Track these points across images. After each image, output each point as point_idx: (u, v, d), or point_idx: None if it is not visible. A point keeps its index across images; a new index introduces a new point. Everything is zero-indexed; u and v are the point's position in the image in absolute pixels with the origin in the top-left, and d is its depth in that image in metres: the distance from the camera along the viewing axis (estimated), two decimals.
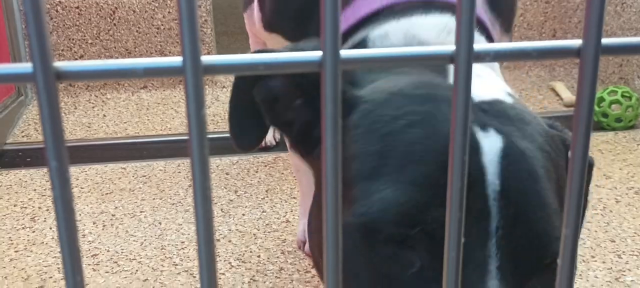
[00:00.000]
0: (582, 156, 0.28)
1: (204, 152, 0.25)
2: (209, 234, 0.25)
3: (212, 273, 0.26)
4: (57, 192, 0.24)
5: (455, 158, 0.25)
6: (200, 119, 0.24)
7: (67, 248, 0.23)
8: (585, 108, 0.26)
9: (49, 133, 0.23)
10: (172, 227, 1.06)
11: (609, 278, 0.89)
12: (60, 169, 0.24)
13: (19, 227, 1.06)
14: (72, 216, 0.23)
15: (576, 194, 0.28)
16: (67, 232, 0.23)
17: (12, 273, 0.93)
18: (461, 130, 0.25)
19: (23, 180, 1.23)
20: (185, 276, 0.93)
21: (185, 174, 1.25)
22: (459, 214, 0.28)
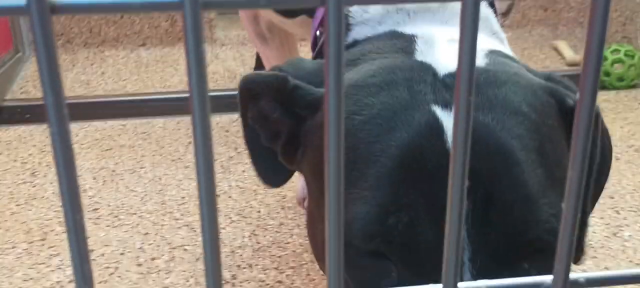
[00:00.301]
0: (588, 114, 0.27)
1: (204, 88, 0.24)
2: (210, 187, 0.25)
3: (214, 229, 0.26)
4: (55, 128, 0.23)
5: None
6: (199, 55, 0.23)
7: (63, 171, 0.23)
8: (593, 58, 0.25)
9: (45, 67, 0.22)
10: (172, 183, 1.06)
11: (607, 233, 0.90)
12: (56, 104, 0.23)
13: (19, 181, 1.06)
14: (70, 147, 0.23)
15: (581, 153, 0.27)
16: (64, 157, 0.23)
17: (14, 227, 0.94)
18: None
19: (22, 136, 1.22)
20: (186, 230, 0.93)
21: (185, 131, 1.25)
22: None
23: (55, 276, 0.83)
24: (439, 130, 0.41)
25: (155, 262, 0.86)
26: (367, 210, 0.40)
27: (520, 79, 0.45)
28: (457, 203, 0.28)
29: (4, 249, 0.89)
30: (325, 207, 0.27)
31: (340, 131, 0.25)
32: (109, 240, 0.90)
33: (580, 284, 0.31)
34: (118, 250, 0.89)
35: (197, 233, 0.92)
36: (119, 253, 0.88)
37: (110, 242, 0.90)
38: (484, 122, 0.41)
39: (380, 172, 0.41)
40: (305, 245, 0.90)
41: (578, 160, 0.28)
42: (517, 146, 0.41)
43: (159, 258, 0.87)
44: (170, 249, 0.89)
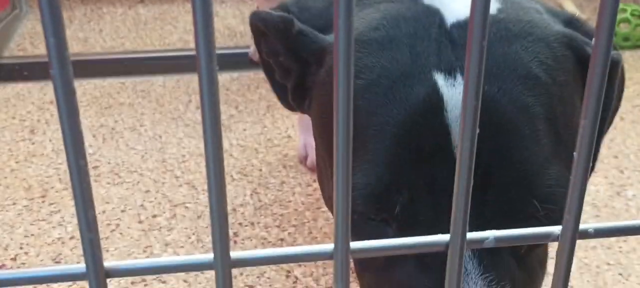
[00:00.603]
0: (602, 70, 0.26)
1: (211, 46, 0.23)
2: (216, 142, 0.24)
3: (220, 186, 0.26)
4: (56, 65, 0.22)
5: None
6: (207, 12, 0.22)
7: (66, 116, 0.22)
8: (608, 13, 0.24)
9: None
10: (172, 141, 1.05)
11: (611, 193, 0.90)
12: (58, 45, 0.22)
13: (18, 139, 1.05)
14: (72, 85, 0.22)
15: (596, 90, 0.26)
16: (66, 101, 0.22)
17: (14, 184, 0.93)
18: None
19: (20, 94, 1.21)
20: (187, 188, 0.93)
21: (185, 90, 1.24)
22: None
23: (56, 232, 0.83)
24: (438, 106, 0.39)
25: (156, 219, 0.86)
26: (367, 182, 0.40)
27: (534, 29, 0.42)
28: (466, 159, 0.28)
29: (5, 205, 0.88)
30: (334, 177, 0.27)
31: (349, 97, 0.24)
32: (110, 198, 0.90)
33: (589, 234, 0.30)
34: (119, 207, 0.89)
35: (198, 191, 0.92)
36: (120, 210, 0.88)
37: (111, 199, 0.90)
38: (490, 94, 0.39)
39: (379, 147, 0.40)
40: (307, 204, 0.90)
41: (591, 116, 0.27)
42: (523, 119, 0.40)
43: (160, 215, 0.87)
44: (172, 207, 0.89)
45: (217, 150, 0.25)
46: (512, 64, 0.40)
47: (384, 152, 0.40)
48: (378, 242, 0.29)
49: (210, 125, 0.24)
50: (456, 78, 0.40)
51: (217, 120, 0.24)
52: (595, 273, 0.75)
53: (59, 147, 1.03)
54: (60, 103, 0.24)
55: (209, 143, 0.25)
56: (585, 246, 0.79)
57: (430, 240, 0.29)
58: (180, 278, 0.75)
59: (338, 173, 0.27)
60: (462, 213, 0.28)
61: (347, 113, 0.26)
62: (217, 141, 0.25)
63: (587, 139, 0.27)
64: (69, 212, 0.87)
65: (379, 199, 0.40)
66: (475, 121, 0.26)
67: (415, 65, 0.40)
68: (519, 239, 0.30)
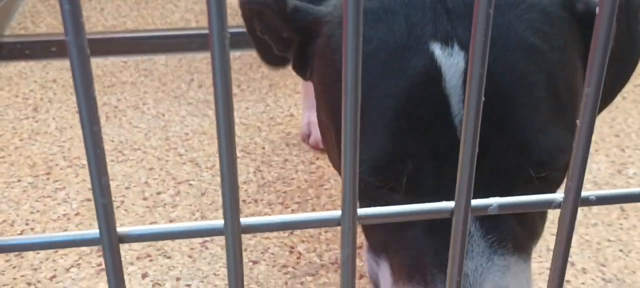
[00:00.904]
0: (606, 31, 0.27)
1: (224, 24, 0.23)
2: (227, 105, 0.25)
3: (231, 153, 0.26)
4: (71, 38, 0.23)
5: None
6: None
7: (80, 79, 0.23)
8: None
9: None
10: (175, 119, 1.06)
11: (612, 171, 0.90)
12: (72, 12, 0.23)
13: (21, 116, 1.06)
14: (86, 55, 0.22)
15: (601, 54, 0.27)
16: (81, 67, 0.22)
17: (18, 161, 0.94)
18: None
19: (23, 72, 1.21)
20: (191, 166, 0.93)
21: (187, 68, 1.24)
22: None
23: (62, 209, 0.84)
24: (436, 76, 0.40)
25: (160, 196, 0.87)
26: (372, 154, 0.41)
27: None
28: (471, 128, 0.28)
29: (10, 182, 0.89)
30: (342, 145, 0.27)
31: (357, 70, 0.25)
32: (114, 175, 0.91)
33: (590, 201, 0.31)
34: (123, 184, 0.90)
35: (202, 169, 0.93)
36: (124, 187, 0.89)
37: (115, 176, 0.91)
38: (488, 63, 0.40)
39: (381, 119, 0.41)
40: (310, 181, 0.91)
41: (594, 84, 0.27)
42: (520, 88, 0.40)
43: (164, 192, 0.88)
44: (176, 184, 0.90)
45: (227, 114, 0.25)
46: (506, 34, 0.41)
47: (385, 124, 0.40)
48: (385, 208, 0.30)
49: (221, 86, 0.25)
50: (453, 47, 0.40)
51: (227, 79, 0.25)
52: (595, 250, 0.76)
53: (62, 125, 1.03)
54: (75, 69, 0.24)
55: (219, 105, 0.25)
56: (586, 223, 0.80)
57: (435, 207, 0.30)
58: (185, 253, 0.76)
59: (346, 140, 0.28)
60: (467, 181, 0.29)
61: (355, 80, 0.26)
62: (227, 104, 0.25)
63: (590, 107, 0.28)
64: (74, 188, 0.88)
65: (384, 170, 0.40)
66: (480, 90, 0.27)
67: (412, 36, 0.41)
68: (521, 206, 0.31)
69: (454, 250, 0.30)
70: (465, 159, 0.29)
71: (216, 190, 0.88)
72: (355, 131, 0.28)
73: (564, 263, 0.32)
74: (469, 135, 0.29)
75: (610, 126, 1.02)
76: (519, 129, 0.40)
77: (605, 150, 0.95)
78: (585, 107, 0.28)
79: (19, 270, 0.73)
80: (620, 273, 0.72)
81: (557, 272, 0.32)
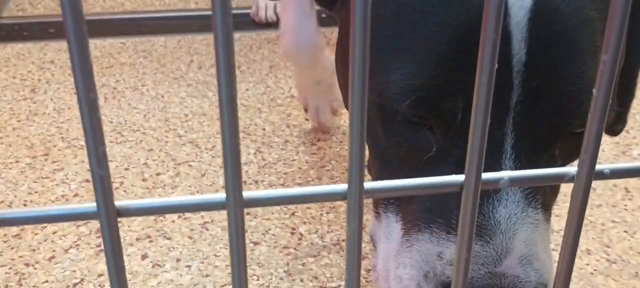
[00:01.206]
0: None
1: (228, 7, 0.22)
2: (230, 77, 0.24)
3: (233, 126, 0.25)
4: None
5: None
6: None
7: (75, 44, 0.22)
8: None
9: None
10: (175, 100, 1.04)
11: (616, 152, 0.89)
12: None
13: (19, 98, 1.05)
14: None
15: (620, 18, 0.26)
16: (76, 31, 0.21)
17: (16, 142, 0.93)
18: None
19: (21, 54, 1.20)
20: (190, 147, 0.92)
21: (186, 50, 1.22)
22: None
23: (60, 190, 0.83)
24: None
25: (160, 177, 0.86)
26: (421, 83, 0.38)
27: None
28: (484, 97, 0.27)
29: (8, 163, 0.88)
30: (349, 117, 0.26)
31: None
32: (113, 156, 0.90)
33: (605, 175, 0.30)
34: (122, 165, 0.89)
35: (202, 150, 0.92)
36: (124, 168, 0.88)
37: (115, 157, 0.90)
38: (555, 4, 0.38)
39: (435, 49, 0.38)
40: (311, 162, 0.90)
41: (612, 50, 0.26)
42: (585, 33, 0.38)
43: (164, 173, 0.87)
44: (175, 165, 0.89)
45: (230, 87, 0.24)
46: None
47: (440, 54, 0.38)
48: (392, 182, 0.29)
49: (223, 59, 0.24)
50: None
51: (231, 54, 0.24)
52: (600, 231, 0.75)
53: (60, 106, 1.02)
54: (69, 31, 0.23)
55: (222, 78, 0.24)
56: (590, 204, 0.80)
57: (444, 181, 0.29)
58: (185, 234, 0.75)
59: (353, 110, 0.26)
60: (478, 153, 0.28)
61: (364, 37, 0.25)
62: (230, 77, 0.24)
63: (607, 75, 0.27)
64: (72, 169, 0.87)
65: (431, 102, 0.38)
66: (494, 54, 0.26)
67: None
68: (533, 179, 0.30)
69: (464, 224, 0.29)
70: (476, 130, 0.28)
71: (216, 171, 0.87)
72: (363, 100, 0.26)
73: (575, 239, 0.31)
74: (480, 105, 0.27)
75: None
76: (579, 74, 0.38)
77: None
78: (603, 75, 0.27)
79: (17, 251, 0.72)
80: (625, 254, 0.71)
81: (568, 248, 0.31)
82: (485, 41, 0.26)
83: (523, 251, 0.39)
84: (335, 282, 0.67)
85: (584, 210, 0.30)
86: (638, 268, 0.68)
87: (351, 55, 0.27)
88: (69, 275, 0.68)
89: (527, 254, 0.39)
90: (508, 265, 0.38)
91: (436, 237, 0.40)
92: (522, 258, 0.38)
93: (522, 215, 0.39)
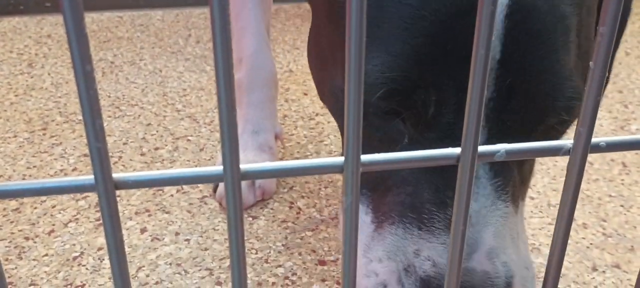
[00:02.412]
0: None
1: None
2: (226, 50, 0.23)
3: (230, 99, 0.25)
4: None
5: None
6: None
7: (70, 16, 0.22)
8: None
9: None
10: (172, 75, 1.04)
11: (614, 127, 0.89)
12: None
13: (16, 72, 1.04)
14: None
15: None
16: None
17: (14, 116, 0.93)
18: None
19: (17, 28, 1.19)
20: (189, 121, 0.92)
21: (184, 24, 1.22)
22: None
23: (59, 164, 0.83)
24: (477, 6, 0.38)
25: (158, 152, 0.86)
26: (394, 75, 0.38)
27: None
28: (480, 71, 0.27)
29: (6, 138, 0.88)
30: (346, 90, 0.26)
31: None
32: (111, 131, 0.90)
33: (601, 148, 0.30)
34: (121, 140, 0.89)
35: (200, 125, 0.92)
36: (122, 143, 0.88)
37: (113, 132, 0.90)
38: (531, 1, 0.37)
39: (410, 41, 0.38)
40: (309, 137, 0.90)
41: (610, 23, 0.26)
42: (559, 29, 0.38)
43: (162, 148, 0.87)
44: (174, 140, 0.89)
45: (227, 61, 0.24)
46: None
47: (415, 48, 0.38)
48: (390, 155, 0.29)
49: (220, 32, 0.24)
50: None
51: (227, 28, 0.24)
52: (596, 205, 0.75)
53: (57, 81, 1.02)
54: (64, 3, 0.23)
55: (218, 52, 0.24)
56: (587, 178, 0.80)
57: (441, 153, 0.29)
58: (184, 208, 0.75)
59: (350, 83, 0.26)
60: (474, 127, 0.28)
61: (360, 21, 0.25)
62: (227, 51, 0.24)
63: (604, 48, 0.26)
64: (71, 144, 0.87)
65: (403, 94, 0.38)
66: (491, 27, 0.25)
67: None
68: (530, 152, 0.30)
69: (460, 198, 0.29)
70: (473, 103, 0.28)
71: (214, 145, 0.87)
72: (359, 74, 0.26)
73: (571, 212, 0.31)
74: (477, 78, 0.27)
75: (613, 82, 1.00)
76: (554, 72, 0.38)
77: (608, 107, 0.94)
78: (600, 48, 0.27)
79: (16, 225, 0.72)
80: (621, 228, 0.71)
81: (564, 221, 0.31)
82: (484, 9, 0.26)
83: (492, 244, 0.39)
84: (333, 255, 0.68)
85: (579, 184, 0.30)
86: (633, 242, 0.69)
87: (348, 25, 0.26)
88: (68, 248, 0.69)
89: (495, 247, 0.39)
90: (477, 259, 0.38)
91: (410, 233, 0.40)
92: (491, 251, 0.38)
93: (492, 209, 0.39)
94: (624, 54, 1.07)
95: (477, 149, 0.29)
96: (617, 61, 1.05)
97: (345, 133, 0.27)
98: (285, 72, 1.06)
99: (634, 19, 1.18)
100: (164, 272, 0.65)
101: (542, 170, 0.82)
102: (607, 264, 0.65)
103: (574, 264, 0.65)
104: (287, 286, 0.62)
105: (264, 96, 0.79)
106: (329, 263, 0.66)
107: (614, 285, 0.62)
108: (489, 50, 0.27)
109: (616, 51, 0.50)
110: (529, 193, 0.77)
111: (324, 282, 0.63)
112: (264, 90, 0.79)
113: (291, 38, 1.15)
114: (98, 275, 0.64)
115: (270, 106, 0.80)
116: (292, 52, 1.12)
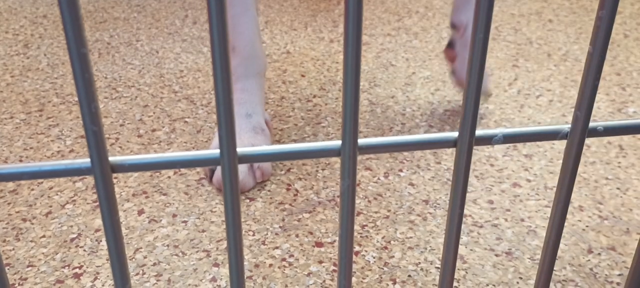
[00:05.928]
0: None
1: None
2: (222, 30, 0.23)
3: (226, 80, 0.25)
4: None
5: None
6: None
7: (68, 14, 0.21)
8: None
9: None
10: (169, 56, 1.03)
11: (612, 109, 0.89)
12: None
13: (12, 53, 1.04)
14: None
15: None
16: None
17: (10, 97, 0.92)
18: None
19: (12, 8, 1.18)
20: (186, 103, 0.92)
21: (181, 4, 1.21)
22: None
23: (56, 146, 0.83)
24: None
25: (155, 134, 0.86)
26: None
27: None
28: (479, 47, 0.27)
29: (2, 119, 0.88)
30: (343, 71, 0.26)
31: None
32: (108, 112, 0.89)
33: (598, 132, 0.30)
34: (118, 121, 0.88)
35: (197, 106, 0.91)
36: (119, 124, 0.88)
37: (110, 113, 0.89)
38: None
39: None
40: (307, 119, 0.90)
41: (609, 5, 0.26)
42: None
43: (159, 130, 0.87)
44: (171, 121, 0.88)
45: (223, 42, 0.24)
46: None
47: None
48: (386, 139, 0.29)
49: (216, 13, 0.23)
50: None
51: (223, 8, 0.24)
52: (593, 188, 0.76)
53: (54, 62, 1.01)
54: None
55: (215, 33, 0.24)
56: (584, 161, 0.80)
57: (439, 137, 0.29)
58: (181, 190, 0.75)
59: (347, 65, 0.26)
60: (472, 111, 0.28)
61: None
62: (223, 32, 0.24)
63: (603, 31, 0.26)
64: (67, 125, 0.87)
65: None
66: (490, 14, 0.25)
67: None
68: (526, 136, 0.30)
69: (457, 181, 0.29)
70: (470, 87, 0.28)
71: (212, 127, 0.87)
72: (357, 57, 0.26)
73: (567, 194, 0.31)
74: (475, 61, 0.27)
75: (611, 64, 1.00)
76: None
77: (606, 89, 0.94)
78: (598, 31, 0.26)
79: (13, 206, 0.72)
80: (617, 210, 0.72)
81: (560, 203, 0.31)
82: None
83: None
84: (330, 237, 0.68)
85: (576, 167, 0.30)
86: (629, 224, 0.69)
87: (345, 5, 0.26)
88: (66, 230, 0.69)
89: None
90: None
91: None
92: None
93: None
94: (623, 36, 1.07)
95: (474, 133, 0.29)
96: (616, 43, 1.05)
97: (342, 116, 0.27)
98: (282, 54, 1.05)
99: (632, 0, 1.18)
100: (161, 253, 0.65)
101: (539, 152, 0.82)
102: (603, 247, 0.65)
103: (569, 246, 0.65)
104: (284, 268, 0.62)
105: (256, 83, 0.81)
106: (326, 245, 0.66)
107: (609, 267, 0.62)
108: (487, 41, 0.27)
109: None
110: (525, 176, 0.77)
111: (320, 263, 0.63)
112: (256, 78, 0.81)
113: (288, 19, 1.15)
114: (96, 257, 0.64)
115: (260, 93, 0.82)
116: (290, 33, 1.11)
